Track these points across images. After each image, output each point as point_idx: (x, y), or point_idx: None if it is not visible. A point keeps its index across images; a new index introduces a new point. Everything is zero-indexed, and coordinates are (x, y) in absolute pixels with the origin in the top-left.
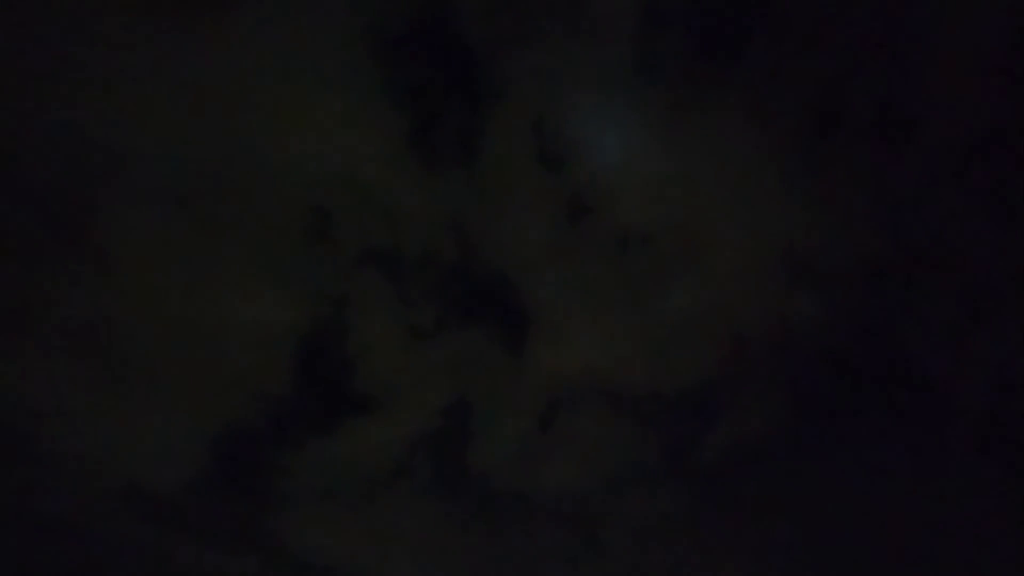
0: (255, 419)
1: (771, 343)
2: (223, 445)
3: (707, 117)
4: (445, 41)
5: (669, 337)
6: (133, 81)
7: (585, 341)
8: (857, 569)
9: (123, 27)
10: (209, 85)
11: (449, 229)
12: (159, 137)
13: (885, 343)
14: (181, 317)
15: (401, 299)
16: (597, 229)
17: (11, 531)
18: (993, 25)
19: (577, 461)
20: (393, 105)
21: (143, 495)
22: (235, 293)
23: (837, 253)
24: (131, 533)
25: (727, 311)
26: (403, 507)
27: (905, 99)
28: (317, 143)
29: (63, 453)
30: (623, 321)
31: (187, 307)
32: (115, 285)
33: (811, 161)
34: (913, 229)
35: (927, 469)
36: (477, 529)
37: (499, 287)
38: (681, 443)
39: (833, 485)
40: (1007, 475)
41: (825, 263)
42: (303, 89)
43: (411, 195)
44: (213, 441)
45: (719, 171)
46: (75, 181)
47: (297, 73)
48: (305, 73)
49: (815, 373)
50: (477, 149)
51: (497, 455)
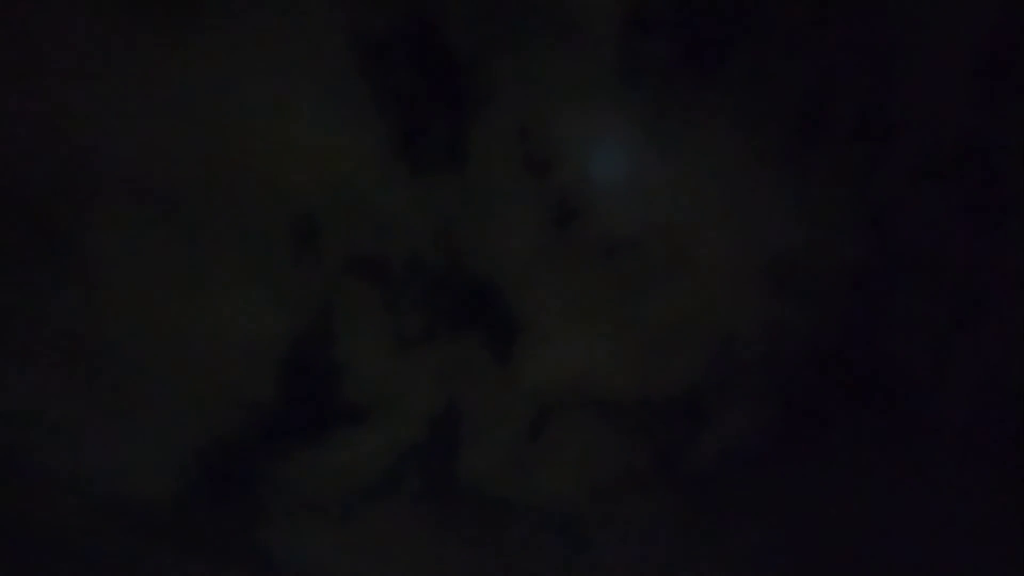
0: (242, 429)
1: (758, 349)
2: (210, 456)
3: (692, 122)
4: (431, 47)
5: (657, 343)
6: (119, 89)
7: (574, 348)
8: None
9: (108, 34)
10: (195, 92)
11: (436, 236)
12: (145, 145)
13: (872, 348)
14: (167, 327)
15: (388, 307)
16: (584, 235)
17: None
18: (975, 29)
19: (567, 469)
20: (379, 111)
21: (129, 506)
22: (221, 301)
23: (823, 258)
24: (117, 545)
25: (714, 317)
26: (392, 517)
27: (887, 104)
28: (303, 150)
29: (48, 464)
30: (611, 327)
31: (173, 316)
32: (100, 295)
33: (796, 166)
34: (898, 234)
35: (915, 473)
36: (468, 538)
37: (487, 294)
38: (671, 450)
39: (822, 490)
40: (996, 480)
41: (811, 268)
42: (289, 96)
43: (398, 202)
44: (200, 452)
45: (705, 176)
46: (60, 190)
47: (283, 80)
48: (291, 79)
49: (802, 378)
50: (464, 155)
51: (487, 464)
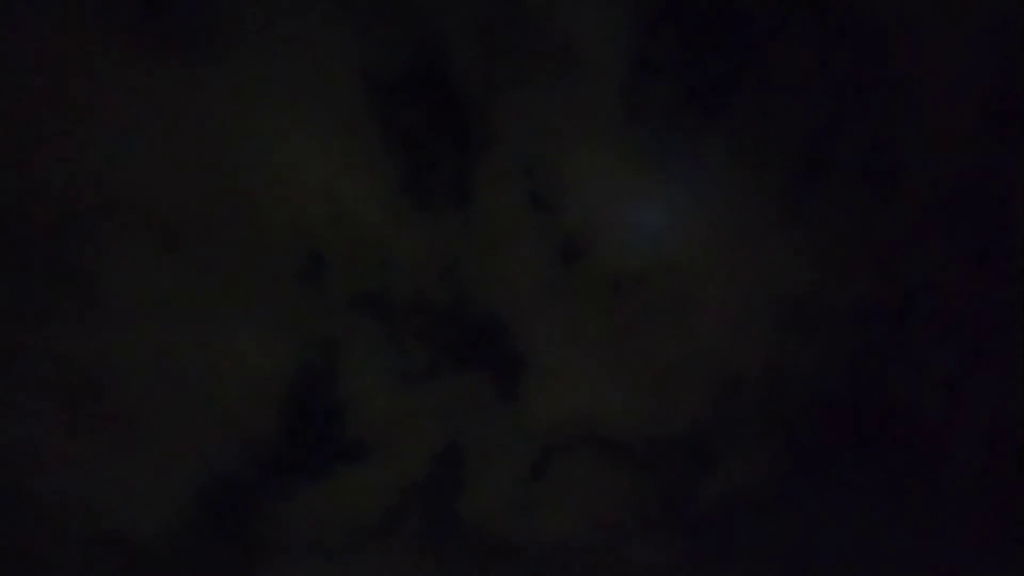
0: (242, 465)
1: (764, 388)
2: (211, 491)
3: (697, 162)
4: (439, 86)
5: (663, 382)
6: (125, 121)
7: (579, 386)
8: None
9: (115, 65)
10: (204, 127)
11: (441, 273)
12: (153, 178)
13: (878, 389)
14: (170, 361)
15: (393, 343)
16: (589, 273)
17: None
18: (982, 69)
19: (572, 508)
20: (386, 150)
21: (129, 541)
22: (225, 336)
23: (829, 298)
24: None
25: (720, 356)
26: (394, 556)
27: (893, 144)
28: (310, 187)
29: (48, 498)
30: (617, 366)
31: (176, 351)
32: (103, 328)
33: (802, 206)
34: (905, 274)
35: (922, 517)
36: None
37: (492, 331)
38: (676, 489)
39: (829, 533)
40: (1006, 526)
41: (817, 308)
42: (297, 132)
43: (404, 239)
44: (201, 487)
45: (710, 216)
46: (65, 222)
47: (291, 116)
48: (299, 117)
49: (809, 419)
50: (470, 193)
51: (490, 502)
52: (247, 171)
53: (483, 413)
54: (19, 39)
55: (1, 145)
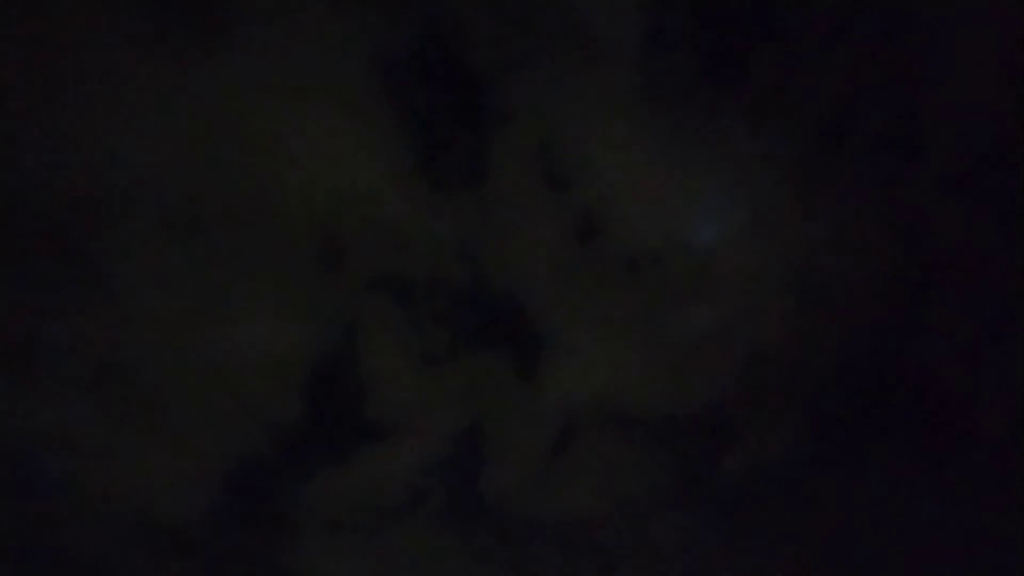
0: (266, 448)
1: (785, 363)
2: (234, 475)
3: (715, 135)
4: (452, 65)
5: (682, 359)
6: (140, 107)
7: (598, 364)
8: None
9: (129, 52)
10: (216, 111)
11: (459, 253)
12: (168, 164)
13: (902, 362)
14: (190, 346)
15: (412, 324)
16: (607, 250)
17: (23, 564)
18: (1005, 34)
19: (592, 486)
20: (400, 130)
21: (155, 526)
22: (245, 321)
23: (850, 269)
24: (143, 565)
25: (740, 331)
26: (416, 536)
27: (914, 111)
28: (325, 169)
29: (74, 484)
30: (636, 343)
31: (196, 336)
32: (125, 315)
33: (821, 177)
34: (927, 243)
35: (947, 490)
36: (492, 556)
37: (510, 311)
38: (697, 466)
39: (852, 507)
40: None
41: (839, 281)
42: (310, 114)
43: (420, 220)
44: (224, 471)
45: (728, 190)
46: (84, 210)
47: (304, 98)
48: (312, 98)
49: (831, 393)
50: (485, 172)
51: (511, 481)
52: (261, 156)
53: (503, 392)
54: (34, 31)
55: (19, 137)
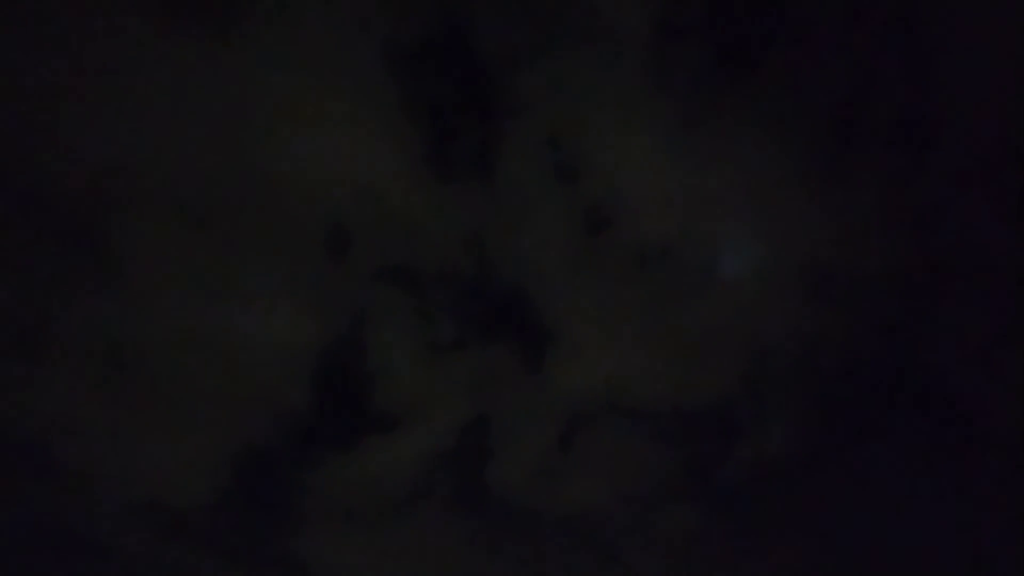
0: (274, 437)
1: (793, 358)
2: (242, 463)
3: (725, 128)
4: (461, 55)
5: (690, 352)
6: (149, 96)
7: (605, 357)
8: None
9: (141, 43)
10: (226, 100)
11: (467, 244)
12: (175, 152)
13: (910, 358)
14: (200, 335)
15: (420, 315)
16: (615, 243)
17: (32, 548)
18: (1015, 29)
19: (598, 478)
20: (410, 120)
21: (163, 513)
22: (253, 310)
23: (860, 264)
24: (151, 551)
25: (748, 326)
26: (423, 526)
27: (927, 105)
28: (334, 159)
29: (83, 471)
30: (643, 336)
31: (205, 324)
32: (134, 303)
33: (832, 170)
34: (937, 239)
35: (955, 488)
36: (498, 547)
37: (518, 302)
38: (704, 460)
39: (858, 503)
40: None
41: (848, 276)
42: (320, 104)
43: (428, 210)
44: (233, 459)
45: (738, 182)
46: (94, 198)
47: (314, 88)
48: (322, 88)
49: (839, 389)
50: (494, 164)
51: (517, 473)
52: (271, 146)
53: (510, 384)
54: (48, 22)
55: (31, 126)
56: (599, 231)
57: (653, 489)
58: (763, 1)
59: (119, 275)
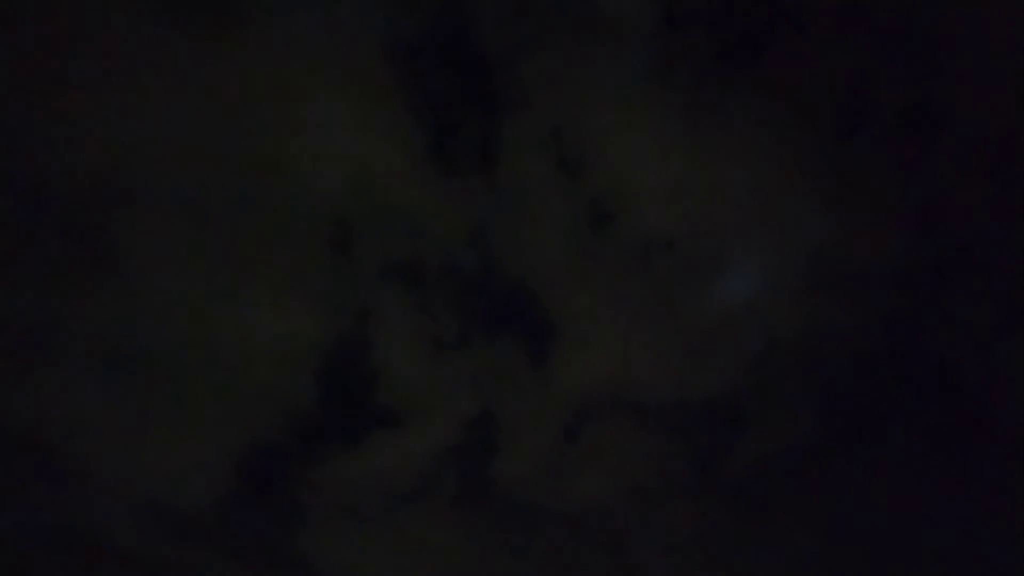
0: (279, 434)
1: (799, 350)
2: (247, 460)
3: (729, 119)
4: (463, 49)
5: (695, 345)
6: (154, 94)
7: (610, 351)
8: None
9: (140, 40)
10: (227, 97)
11: (470, 240)
12: (178, 150)
13: (917, 349)
14: (205, 332)
15: (424, 311)
16: (620, 236)
17: (37, 547)
18: (1020, 20)
19: (604, 473)
20: (412, 115)
21: (168, 510)
22: (257, 306)
23: (866, 257)
24: (157, 548)
25: (754, 318)
26: (429, 522)
27: (933, 95)
28: (337, 155)
29: (88, 470)
30: (648, 329)
31: (209, 322)
32: (137, 301)
33: (837, 161)
34: (943, 230)
35: (962, 480)
36: (504, 542)
37: (522, 297)
38: (709, 454)
39: (865, 496)
40: None
41: (854, 267)
42: (323, 100)
43: (431, 206)
44: (238, 456)
45: (742, 174)
46: (97, 197)
47: (316, 83)
48: (324, 83)
49: (845, 381)
50: (496, 158)
51: (523, 468)
52: (273, 143)
53: (515, 379)
54: (51, 19)
55: (35, 124)
56: (603, 224)
57: (659, 483)
58: None
59: (122, 273)
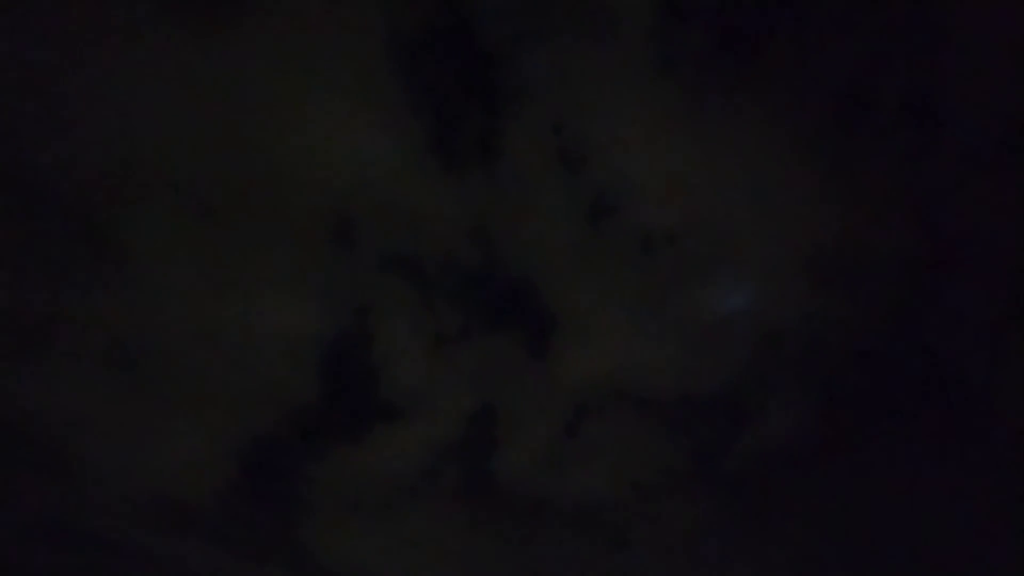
0: (281, 428)
1: (801, 345)
2: (249, 454)
3: (731, 113)
4: (464, 43)
5: (697, 340)
6: (156, 89)
7: (611, 344)
8: None
9: (146, 35)
10: (229, 91)
11: (471, 234)
12: (179, 145)
13: (919, 344)
14: (206, 326)
15: (425, 305)
16: (621, 230)
17: (39, 541)
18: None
19: (605, 467)
20: (413, 109)
21: (170, 505)
22: (259, 301)
23: (868, 251)
24: (158, 543)
25: (755, 312)
26: (429, 515)
27: (936, 89)
28: (337, 149)
29: (89, 463)
30: (649, 323)
31: (211, 315)
32: (139, 296)
33: (839, 155)
34: (945, 224)
35: (963, 475)
36: (505, 536)
37: (523, 291)
38: (711, 448)
39: (866, 490)
40: None
41: (856, 262)
42: (323, 94)
43: (432, 200)
44: (239, 451)
45: (744, 168)
46: (98, 191)
47: (316, 78)
48: (324, 78)
49: (847, 375)
50: (498, 151)
51: (524, 461)
52: (275, 137)
53: (516, 373)
54: (53, 14)
55: (38, 118)
56: (604, 217)
57: (660, 477)
58: None
59: (124, 269)
